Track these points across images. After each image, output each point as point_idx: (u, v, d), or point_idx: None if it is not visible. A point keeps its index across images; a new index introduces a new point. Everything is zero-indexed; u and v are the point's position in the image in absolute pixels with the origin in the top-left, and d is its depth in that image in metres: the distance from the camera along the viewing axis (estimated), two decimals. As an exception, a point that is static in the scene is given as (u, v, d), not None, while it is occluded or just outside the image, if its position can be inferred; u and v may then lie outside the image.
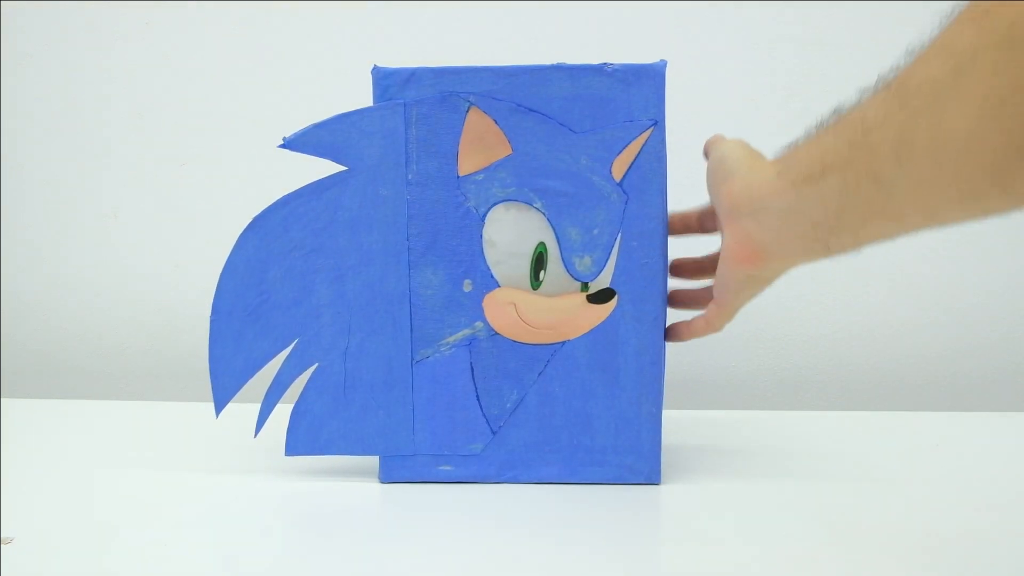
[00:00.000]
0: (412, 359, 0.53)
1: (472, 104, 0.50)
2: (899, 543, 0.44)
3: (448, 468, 0.54)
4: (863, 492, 0.52)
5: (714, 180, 0.46)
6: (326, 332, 0.52)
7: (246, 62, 0.83)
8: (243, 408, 0.54)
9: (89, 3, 0.83)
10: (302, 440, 0.54)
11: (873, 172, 0.34)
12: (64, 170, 0.86)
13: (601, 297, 0.51)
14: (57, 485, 0.55)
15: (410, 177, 0.51)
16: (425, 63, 0.50)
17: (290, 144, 0.51)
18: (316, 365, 0.53)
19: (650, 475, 0.53)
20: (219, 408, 0.53)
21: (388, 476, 0.54)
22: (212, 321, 0.52)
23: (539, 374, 0.53)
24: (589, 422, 0.53)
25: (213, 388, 0.53)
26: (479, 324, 0.52)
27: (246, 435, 0.55)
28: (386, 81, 0.50)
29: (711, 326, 0.50)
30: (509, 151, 0.50)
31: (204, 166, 0.84)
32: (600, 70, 0.50)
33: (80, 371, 0.88)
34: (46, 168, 0.86)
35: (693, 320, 0.52)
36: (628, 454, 0.53)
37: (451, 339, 0.52)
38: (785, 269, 0.44)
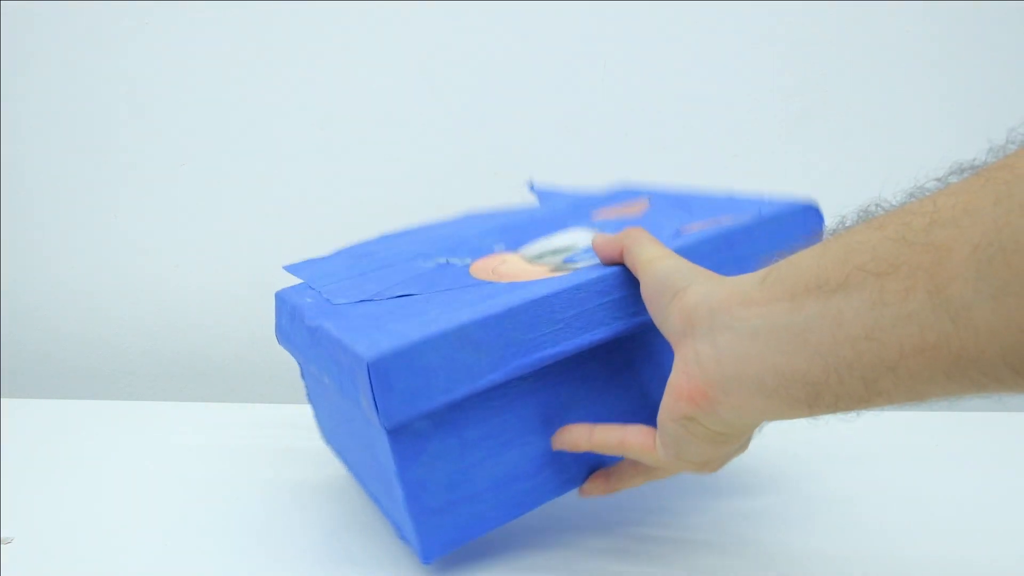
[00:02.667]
0: None
1: None
2: (899, 543, 0.44)
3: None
4: (862, 492, 0.52)
5: (658, 293, 0.34)
6: None
7: (246, 62, 0.83)
8: (243, 408, 0.55)
9: (89, 3, 0.83)
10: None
11: (936, 283, 0.22)
12: (64, 170, 0.86)
13: None
14: (57, 485, 0.55)
15: None
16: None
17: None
18: None
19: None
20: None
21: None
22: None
23: None
24: None
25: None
26: None
27: (246, 436, 0.55)
28: None
29: (654, 469, 0.39)
30: None
31: (204, 166, 0.84)
32: None
33: (80, 371, 0.88)
34: (46, 168, 0.86)
35: (624, 462, 0.42)
36: None
37: None
38: (738, 422, 0.31)
